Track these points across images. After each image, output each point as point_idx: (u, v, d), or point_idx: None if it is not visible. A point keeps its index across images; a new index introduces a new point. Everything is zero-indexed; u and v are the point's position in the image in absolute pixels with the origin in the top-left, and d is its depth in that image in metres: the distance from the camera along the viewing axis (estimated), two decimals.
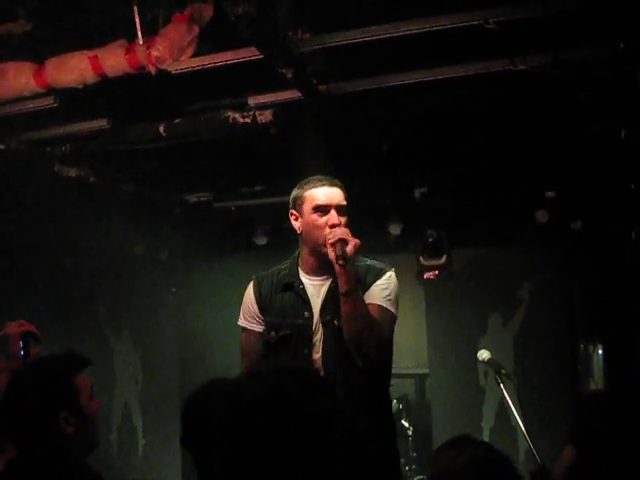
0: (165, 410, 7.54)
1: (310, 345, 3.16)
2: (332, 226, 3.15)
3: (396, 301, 3.19)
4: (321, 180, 3.33)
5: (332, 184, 3.30)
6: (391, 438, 3.39)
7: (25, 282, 6.63)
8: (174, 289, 7.69)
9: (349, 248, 3.01)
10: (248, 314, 3.43)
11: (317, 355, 3.15)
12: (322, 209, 3.21)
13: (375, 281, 3.16)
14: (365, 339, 3.00)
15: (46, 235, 6.35)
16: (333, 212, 3.19)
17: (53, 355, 2.40)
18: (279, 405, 1.53)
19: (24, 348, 2.61)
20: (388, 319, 3.14)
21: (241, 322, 3.49)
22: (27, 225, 6.10)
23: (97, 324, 7.92)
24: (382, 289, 3.15)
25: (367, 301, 3.08)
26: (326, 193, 3.25)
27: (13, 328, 2.51)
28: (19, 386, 2.29)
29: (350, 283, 3.00)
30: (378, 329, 3.03)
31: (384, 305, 3.12)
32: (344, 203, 3.28)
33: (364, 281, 3.16)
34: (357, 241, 3.07)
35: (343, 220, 3.22)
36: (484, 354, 4.04)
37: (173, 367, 7.80)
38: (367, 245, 8.09)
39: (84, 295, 7.59)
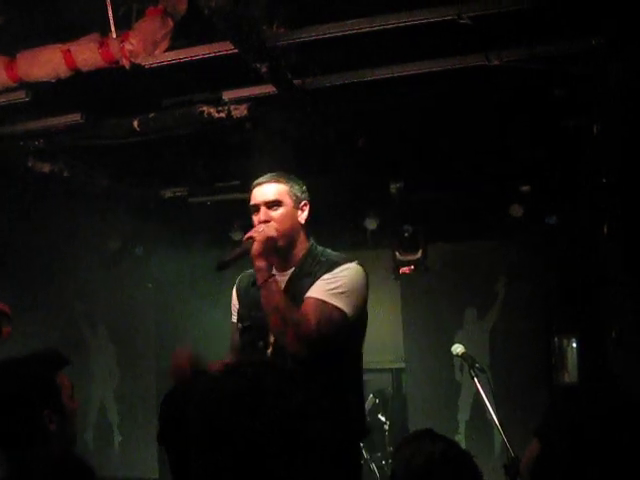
0: (141, 406, 7.52)
1: (266, 339, 3.15)
2: (260, 223, 3.18)
3: (350, 295, 3.08)
4: (257, 180, 3.35)
5: (266, 181, 3.31)
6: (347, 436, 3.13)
7: (3, 278, 6.58)
8: (150, 284, 7.66)
9: (255, 245, 3.05)
10: (233, 308, 3.48)
11: (269, 349, 3.14)
12: (255, 208, 3.27)
13: (323, 275, 3.09)
14: (280, 333, 3.00)
15: (20, 231, 6.30)
16: (262, 209, 3.21)
17: (35, 353, 2.39)
18: (256, 399, 1.54)
19: None
20: (327, 313, 2.98)
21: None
22: (0, 221, 6.05)
23: (73, 319, 7.87)
24: (327, 282, 3.06)
25: (307, 294, 3.05)
26: (255, 193, 3.29)
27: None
28: (2, 383, 2.27)
29: (261, 277, 3.03)
30: (302, 323, 2.94)
31: (324, 299, 3.00)
32: (271, 198, 3.22)
33: (314, 275, 3.12)
34: (264, 236, 3.08)
35: (276, 214, 3.20)
36: (458, 348, 4.06)
37: (149, 362, 7.78)
38: (343, 240, 8.18)
39: (59, 290, 7.53)
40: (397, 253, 7.09)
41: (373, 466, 6.83)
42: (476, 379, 3.79)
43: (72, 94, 4.11)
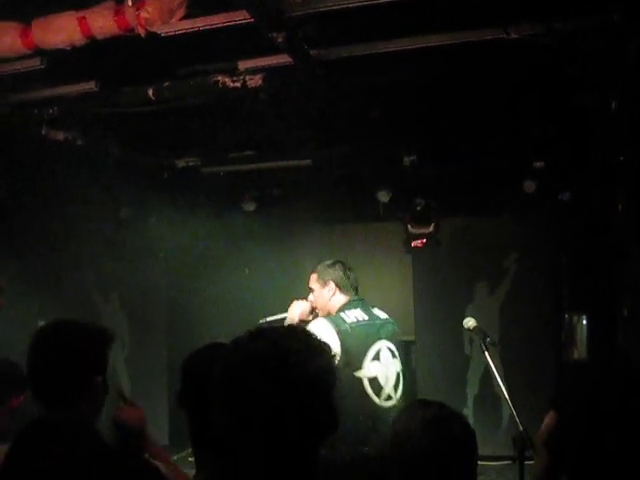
0: (152, 372, 7.58)
1: None
2: None
3: None
4: None
5: None
6: None
7: (14, 246, 6.61)
8: (162, 253, 7.69)
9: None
10: None
11: None
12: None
13: None
14: None
15: (34, 199, 6.32)
16: None
17: (93, 324, 2.47)
18: (277, 361, 1.57)
19: None
20: None
21: None
22: (15, 189, 6.06)
23: (85, 288, 7.92)
24: None
25: None
26: None
27: None
28: (66, 345, 2.34)
29: None
30: None
31: None
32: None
33: None
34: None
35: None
36: (470, 322, 4.06)
37: (160, 330, 7.84)
38: (355, 213, 8.16)
39: (72, 259, 7.57)
40: (409, 226, 7.09)
41: None
42: (487, 353, 3.79)
43: (87, 62, 4.09)
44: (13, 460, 2.00)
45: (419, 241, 7.11)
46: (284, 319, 4.29)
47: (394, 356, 4.15)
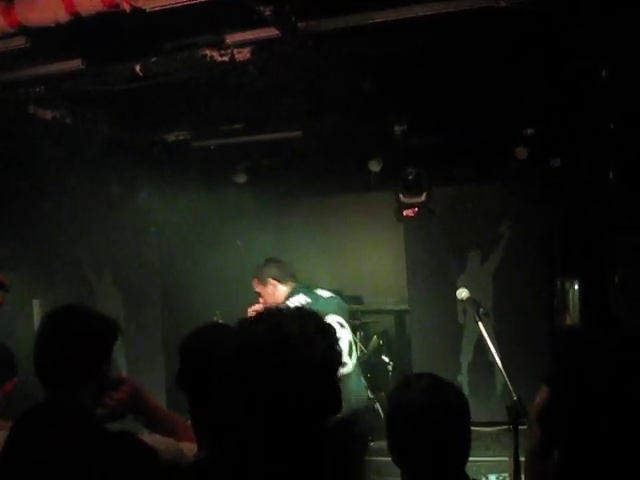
0: (147, 349, 7.60)
1: None
2: None
3: None
4: None
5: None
6: None
7: (4, 226, 6.59)
8: (153, 228, 7.68)
9: None
10: None
11: None
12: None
13: None
14: None
15: (24, 179, 6.28)
16: None
17: (103, 314, 2.52)
18: (281, 344, 1.59)
19: None
20: None
21: None
22: (3, 169, 6.02)
23: (78, 266, 7.90)
24: None
25: None
26: None
27: None
28: (79, 331, 2.37)
29: None
30: None
31: None
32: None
33: None
34: None
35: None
36: (463, 292, 4.08)
37: (155, 306, 7.84)
38: (347, 182, 8.15)
39: (64, 238, 7.55)
40: (401, 196, 7.08)
41: (377, 406, 6.93)
42: (480, 323, 3.81)
43: (73, 40, 4.04)
44: (12, 444, 2.01)
45: (411, 210, 7.10)
46: None
47: (342, 327, 4.68)
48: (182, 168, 7.01)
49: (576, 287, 7.00)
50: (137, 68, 4.44)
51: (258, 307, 4.76)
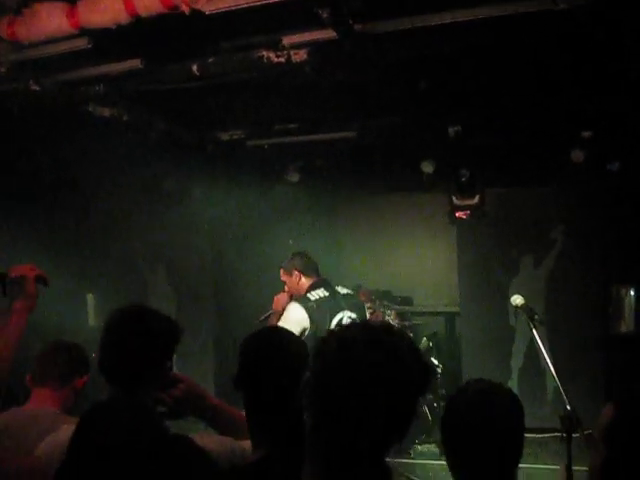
0: (199, 348, 7.67)
1: None
2: None
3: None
4: None
5: None
6: None
7: (62, 220, 6.73)
8: (207, 226, 7.76)
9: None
10: None
11: None
12: None
13: None
14: None
15: (81, 175, 6.41)
16: None
17: (165, 314, 2.59)
18: (391, 363, 1.60)
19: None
20: None
21: None
22: (62, 165, 6.15)
23: (132, 262, 8.03)
24: None
25: None
26: None
27: (26, 270, 2.58)
28: (150, 330, 2.44)
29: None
30: None
31: None
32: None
33: None
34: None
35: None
36: (517, 299, 4.03)
37: (207, 302, 7.92)
38: (399, 183, 8.12)
39: (119, 233, 7.68)
40: (454, 198, 7.03)
41: (425, 408, 6.89)
42: (535, 331, 3.77)
43: (132, 40, 4.10)
44: (77, 441, 2.05)
45: (464, 212, 7.05)
46: (272, 314, 5.29)
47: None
48: (236, 167, 7.08)
49: (632, 293, 6.86)
50: (194, 68, 4.49)
51: (283, 296, 5.34)
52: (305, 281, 5.24)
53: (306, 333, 4.83)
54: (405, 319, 8.02)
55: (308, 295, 5.06)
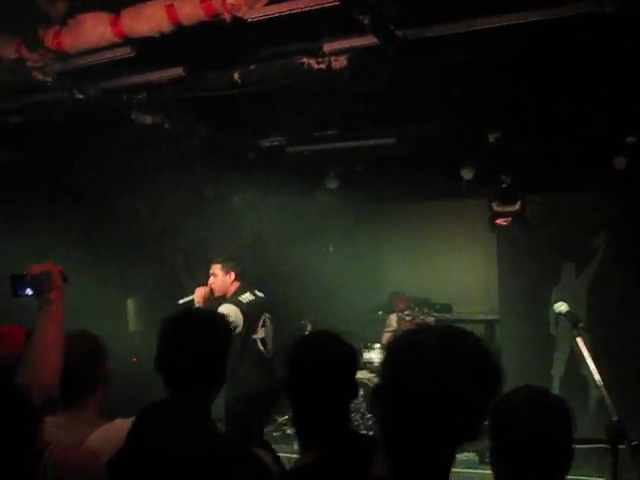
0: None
1: None
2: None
3: None
4: None
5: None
6: None
7: (102, 227, 6.81)
8: (247, 233, 7.80)
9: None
10: None
11: None
12: None
13: None
14: None
15: (122, 182, 6.49)
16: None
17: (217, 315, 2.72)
18: (482, 363, 1.63)
19: None
20: None
21: None
22: (105, 173, 6.23)
23: (172, 267, 8.08)
24: None
25: None
26: None
27: (50, 266, 2.63)
28: (210, 334, 2.51)
29: None
30: None
31: None
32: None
33: None
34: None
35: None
36: (562, 306, 3.98)
37: None
38: (438, 189, 8.09)
39: (160, 239, 7.74)
40: (494, 204, 6.98)
41: None
42: (579, 339, 3.71)
43: (175, 48, 4.15)
44: (134, 437, 2.07)
45: (504, 219, 6.99)
46: (192, 300, 5.69)
47: (271, 322, 6.00)
48: (276, 173, 7.10)
49: None
50: (236, 75, 4.52)
51: (205, 288, 5.75)
52: (235, 284, 5.82)
53: (237, 331, 5.33)
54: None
55: (239, 298, 5.67)
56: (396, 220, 9.14)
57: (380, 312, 8.89)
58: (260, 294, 5.93)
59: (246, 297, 5.73)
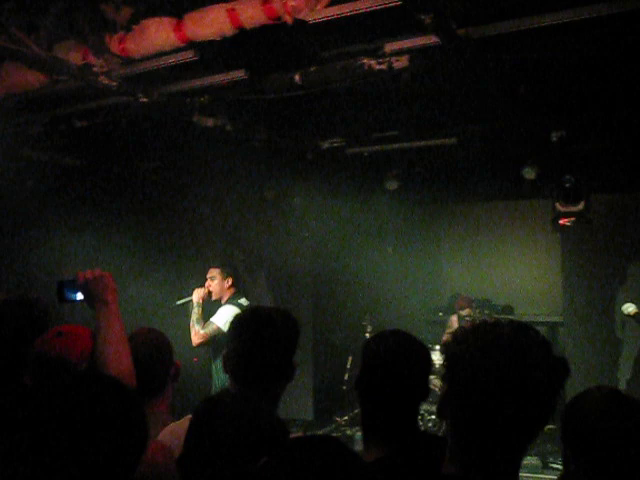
0: (299, 351, 7.73)
1: None
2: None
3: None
4: None
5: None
6: None
7: (164, 228, 6.91)
8: (306, 233, 7.82)
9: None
10: None
11: None
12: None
13: None
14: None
15: (184, 183, 6.58)
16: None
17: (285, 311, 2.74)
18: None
19: None
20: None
21: None
22: (168, 173, 6.33)
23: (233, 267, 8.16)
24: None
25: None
26: None
27: (99, 271, 2.67)
28: (282, 331, 2.57)
29: None
30: None
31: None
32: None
33: None
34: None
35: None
36: (630, 307, 3.90)
37: (306, 309, 7.97)
38: (500, 189, 7.98)
39: (221, 239, 7.82)
40: (557, 204, 6.84)
41: None
42: None
43: (236, 51, 4.19)
44: (194, 433, 2.09)
45: (568, 219, 6.85)
46: (190, 301, 5.84)
47: None
48: (335, 174, 7.10)
49: None
50: (297, 77, 4.54)
51: (202, 290, 5.87)
52: (230, 290, 5.99)
53: None
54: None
55: (240, 301, 5.87)
56: (456, 221, 9.06)
57: (441, 313, 8.83)
58: (245, 302, 6.07)
59: (244, 301, 5.95)
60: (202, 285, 5.94)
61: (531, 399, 1.57)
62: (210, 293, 5.92)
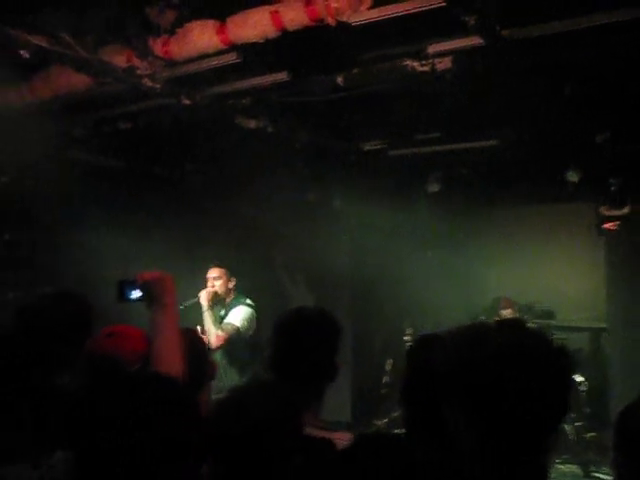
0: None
1: None
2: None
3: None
4: None
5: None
6: None
7: (206, 230, 6.96)
8: (346, 236, 7.81)
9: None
10: None
11: None
12: None
13: None
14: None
15: (227, 184, 6.61)
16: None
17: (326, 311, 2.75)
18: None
19: None
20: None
21: None
22: (209, 174, 6.37)
23: (273, 270, 8.19)
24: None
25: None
26: None
27: (160, 273, 2.68)
28: (325, 331, 2.62)
29: None
30: None
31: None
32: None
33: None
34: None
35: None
36: None
37: (344, 312, 7.94)
38: (542, 193, 7.86)
39: (262, 241, 7.85)
40: (602, 208, 6.76)
41: (568, 427, 6.63)
42: None
43: (279, 53, 4.21)
44: (214, 426, 2.10)
45: (612, 224, 6.75)
46: (195, 303, 5.77)
47: None
48: (377, 176, 7.08)
49: None
50: (339, 79, 4.54)
51: (210, 290, 5.85)
52: (233, 291, 6.02)
53: (249, 333, 5.78)
54: (547, 334, 7.75)
55: (248, 301, 5.97)
56: (498, 224, 8.94)
57: (482, 317, 8.73)
58: (250, 302, 6.09)
59: (250, 301, 5.99)
60: (205, 287, 5.91)
61: (540, 396, 1.55)
62: (216, 294, 5.89)
